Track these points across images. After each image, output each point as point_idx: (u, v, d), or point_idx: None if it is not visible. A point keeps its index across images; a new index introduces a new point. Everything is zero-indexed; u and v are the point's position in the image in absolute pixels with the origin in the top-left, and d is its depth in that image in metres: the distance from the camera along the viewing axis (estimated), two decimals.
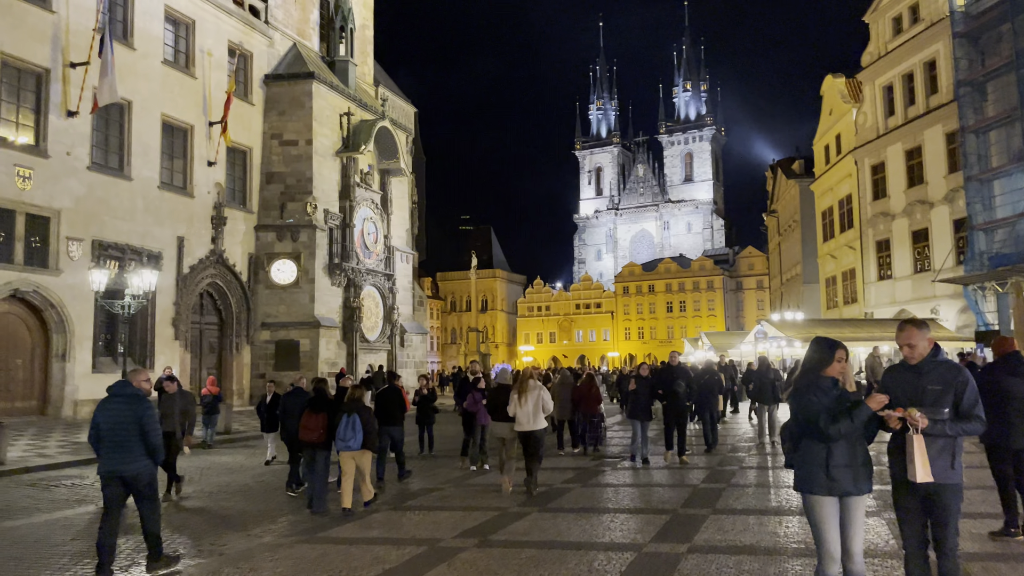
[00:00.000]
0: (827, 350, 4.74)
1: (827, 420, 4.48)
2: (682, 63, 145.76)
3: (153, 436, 6.76)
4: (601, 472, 12.81)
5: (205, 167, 28.44)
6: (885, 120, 36.35)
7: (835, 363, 4.70)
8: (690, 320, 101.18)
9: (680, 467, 12.91)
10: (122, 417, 6.73)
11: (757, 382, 15.54)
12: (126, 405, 6.79)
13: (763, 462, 13.61)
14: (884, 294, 35.96)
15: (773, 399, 15.18)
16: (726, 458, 14.07)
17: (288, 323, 30.62)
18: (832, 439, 4.47)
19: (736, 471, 12.40)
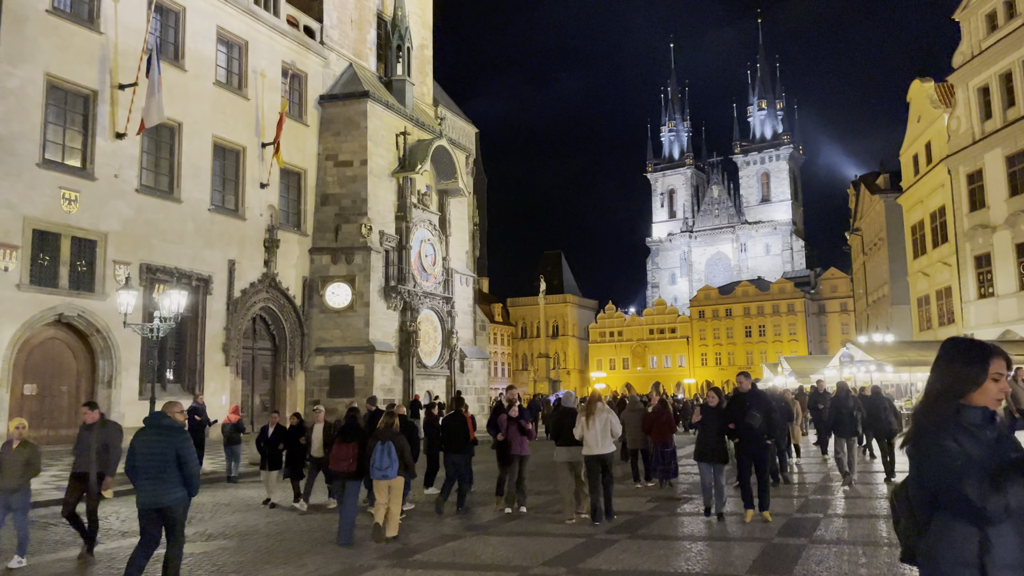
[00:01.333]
0: (977, 360, 2.76)
1: (982, 484, 2.51)
2: (756, 81, 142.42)
3: (192, 466, 6.82)
4: (656, 519, 10.95)
5: (257, 189, 27.91)
6: (981, 124, 33.39)
7: (990, 382, 2.72)
8: (770, 345, 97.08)
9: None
10: (158, 449, 6.80)
11: (834, 411, 13.85)
12: (162, 437, 6.86)
13: (852, 509, 11.55)
14: (986, 313, 32.77)
15: (852, 432, 13.56)
16: (809, 502, 12.07)
17: (342, 348, 29.69)
18: (991, 518, 2.50)
19: (820, 520, 10.42)
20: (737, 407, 10.22)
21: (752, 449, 10.13)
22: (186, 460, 6.80)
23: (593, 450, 10.23)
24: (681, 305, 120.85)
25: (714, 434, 10.24)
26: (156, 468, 6.74)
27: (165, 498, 6.74)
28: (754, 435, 10.05)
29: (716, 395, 10.82)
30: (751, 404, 10.08)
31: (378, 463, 9.00)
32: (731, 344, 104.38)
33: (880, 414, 14.28)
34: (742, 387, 10.25)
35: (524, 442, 10.93)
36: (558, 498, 11.42)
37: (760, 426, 9.97)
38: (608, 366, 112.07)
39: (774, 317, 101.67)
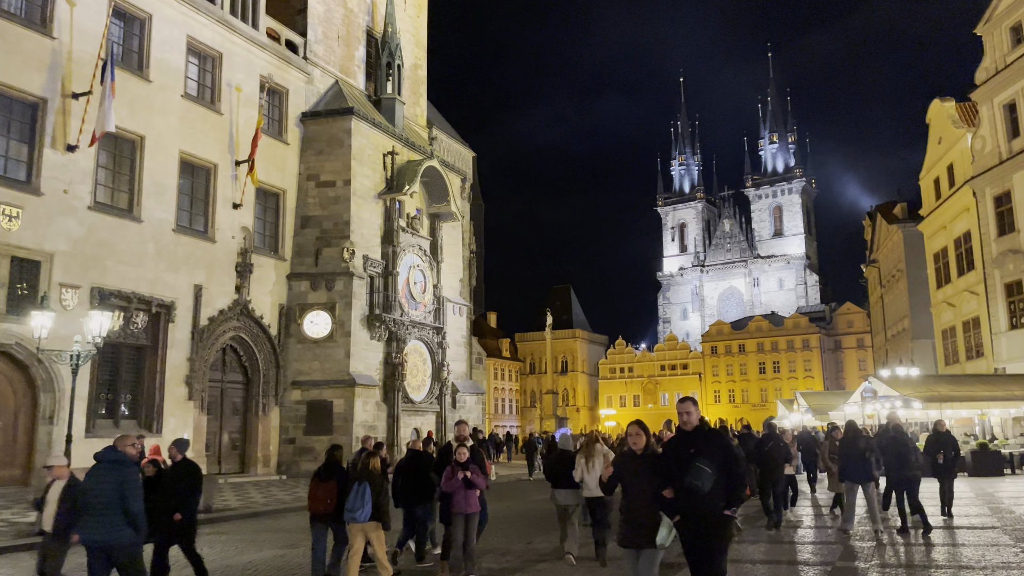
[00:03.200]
0: None
1: None
2: (767, 115, 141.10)
3: (133, 503, 6.49)
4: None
5: (230, 210, 26.01)
6: (1008, 143, 31.23)
7: None
8: (785, 382, 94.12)
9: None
10: (105, 484, 6.52)
11: (844, 454, 12.23)
12: (110, 471, 6.59)
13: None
14: (1019, 346, 30.25)
15: (865, 475, 11.87)
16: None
17: (321, 381, 27.50)
18: None
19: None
20: (675, 456, 6.21)
21: (700, 528, 5.97)
22: (128, 496, 6.46)
23: (595, 492, 9.87)
24: (693, 340, 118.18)
25: (641, 500, 6.22)
26: (102, 504, 6.43)
27: (108, 536, 6.40)
28: (703, 505, 5.93)
29: (642, 433, 6.49)
30: (698, 451, 6.05)
31: (349, 504, 8.42)
32: (745, 380, 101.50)
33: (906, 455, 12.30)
34: (685, 423, 6.23)
35: (471, 497, 8.68)
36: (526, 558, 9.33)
37: (712, 488, 5.90)
38: (618, 403, 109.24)
39: (789, 353, 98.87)
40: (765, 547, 11.10)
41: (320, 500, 8.91)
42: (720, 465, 5.98)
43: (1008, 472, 24.00)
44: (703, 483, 5.87)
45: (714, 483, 5.90)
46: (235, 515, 16.22)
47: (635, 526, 6.14)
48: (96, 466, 6.73)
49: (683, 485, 5.94)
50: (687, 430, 6.22)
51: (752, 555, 10.42)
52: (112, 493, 6.46)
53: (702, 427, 6.27)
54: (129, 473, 6.65)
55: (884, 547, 10.67)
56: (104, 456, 6.71)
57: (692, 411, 6.19)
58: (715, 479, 5.90)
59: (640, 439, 6.39)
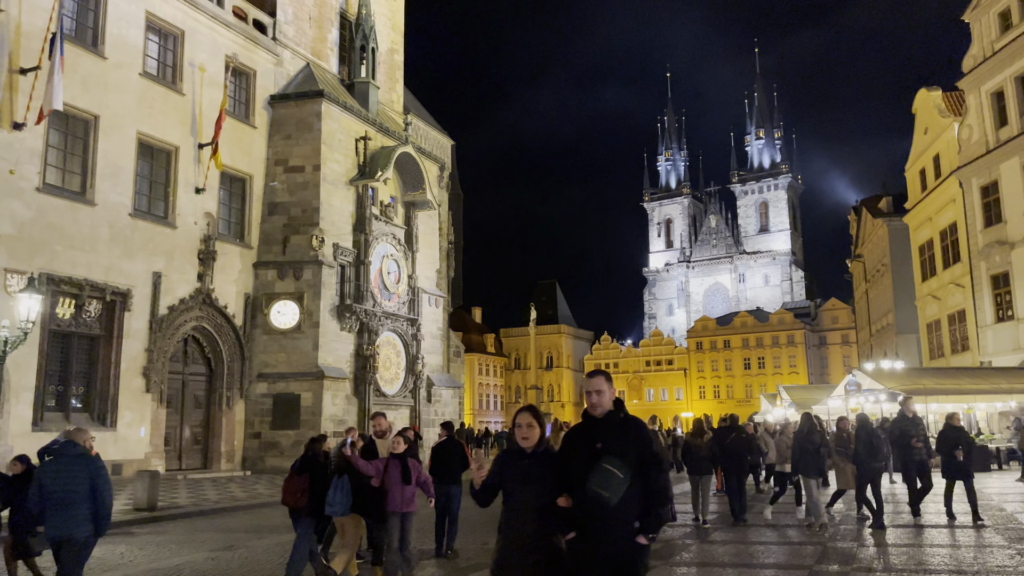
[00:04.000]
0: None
1: None
2: (754, 110, 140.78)
3: (106, 499, 6.42)
4: None
5: (192, 194, 24.95)
6: (996, 132, 30.62)
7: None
8: (770, 377, 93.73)
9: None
10: (72, 480, 6.35)
11: (798, 448, 12.19)
12: (76, 465, 6.45)
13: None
14: (1005, 339, 29.67)
15: (816, 471, 11.99)
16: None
17: (288, 374, 26.51)
18: None
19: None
20: (576, 452, 4.50)
21: (604, 555, 4.28)
22: (100, 491, 6.40)
23: None
24: (679, 336, 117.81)
25: (525, 516, 4.45)
26: (66, 500, 6.30)
27: (74, 531, 6.30)
28: (609, 523, 4.27)
29: (534, 424, 4.63)
30: (607, 446, 4.36)
31: (330, 497, 8.05)
32: (730, 376, 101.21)
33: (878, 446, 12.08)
34: (594, 405, 4.54)
35: (408, 493, 7.73)
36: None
37: (622, 500, 4.23)
38: None
39: (773, 349, 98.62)
40: (736, 548, 10.27)
41: (291, 493, 8.48)
42: (636, 468, 4.25)
43: (995, 468, 23.35)
44: (610, 492, 4.14)
45: (626, 494, 4.20)
46: (181, 514, 15.25)
47: (518, 551, 4.31)
48: (55, 460, 6.62)
49: (584, 492, 4.20)
50: (595, 416, 4.46)
51: (721, 556, 9.57)
52: (80, 488, 6.35)
53: (616, 413, 4.45)
54: (99, 467, 6.54)
55: (865, 548, 9.84)
56: (65, 451, 6.60)
57: (604, 389, 4.46)
58: (628, 487, 4.19)
59: (532, 431, 4.52)
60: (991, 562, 8.74)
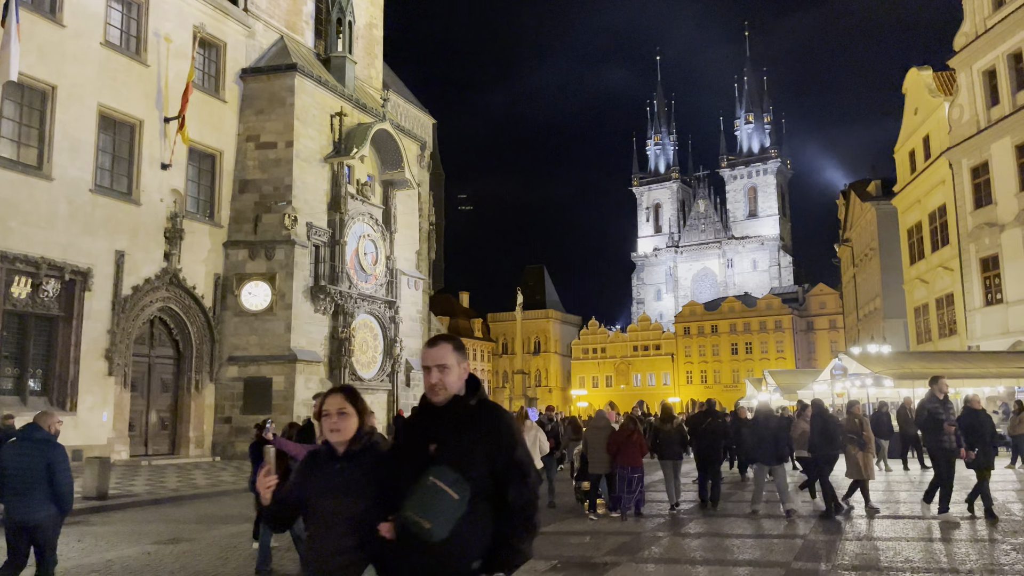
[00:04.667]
0: None
1: None
2: (744, 95, 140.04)
3: (64, 482, 6.38)
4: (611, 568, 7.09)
5: (158, 170, 24.01)
6: (987, 111, 29.96)
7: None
8: (757, 362, 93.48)
9: None
10: (29, 462, 6.35)
11: (754, 435, 12.03)
12: (35, 449, 6.41)
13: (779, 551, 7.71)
14: (993, 323, 29.15)
15: (775, 458, 11.66)
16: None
17: (259, 357, 25.70)
18: None
19: None
20: (406, 455, 3.05)
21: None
22: (57, 474, 6.36)
23: None
24: (666, 321, 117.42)
25: (330, 538, 3.06)
26: (26, 483, 6.31)
27: (35, 515, 6.31)
28: (427, 564, 2.89)
29: (349, 411, 3.15)
30: (444, 446, 2.96)
31: None
32: (717, 361, 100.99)
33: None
34: (436, 388, 3.03)
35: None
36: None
37: (457, 529, 2.84)
38: (591, 384, 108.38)
39: (761, 334, 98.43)
40: (710, 541, 9.60)
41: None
42: (486, 484, 2.93)
43: None
44: (434, 520, 2.79)
45: (463, 526, 2.83)
46: (132, 502, 14.48)
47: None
48: (17, 442, 6.60)
49: (401, 520, 2.88)
50: (437, 402, 3.03)
51: (693, 552, 8.89)
52: (37, 471, 6.30)
53: (466, 400, 3.04)
54: (58, 451, 6.48)
55: (847, 543, 9.17)
56: (28, 434, 6.55)
57: (449, 364, 3.02)
58: (465, 515, 2.83)
59: (345, 423, 3.10)
60: (983, 559, 8.09)
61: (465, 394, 3.07)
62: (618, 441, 11.80)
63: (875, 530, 10.06)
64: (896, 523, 10.62)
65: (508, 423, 3.07)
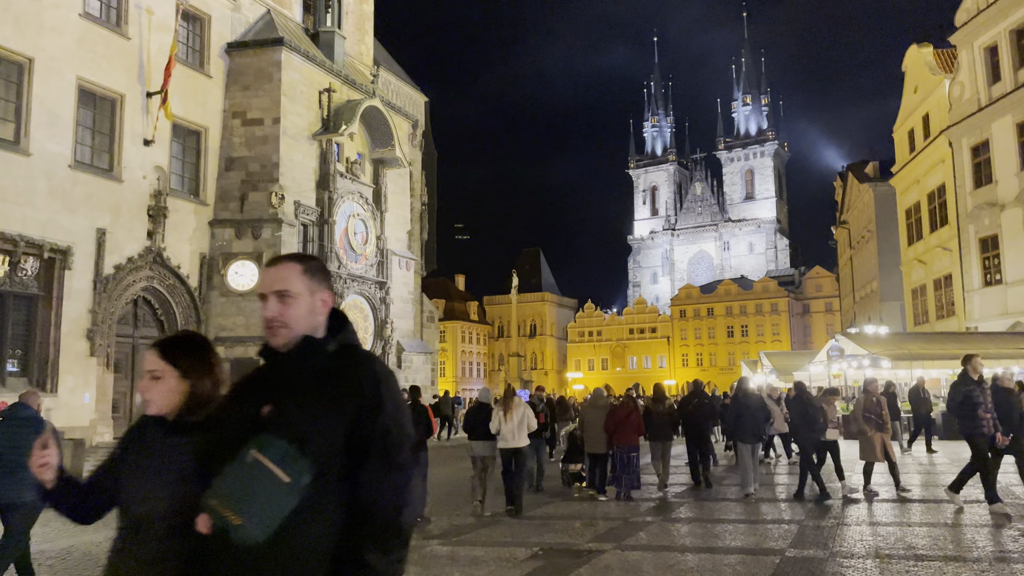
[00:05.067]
0: None
1: None
2: (741, 77, 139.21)
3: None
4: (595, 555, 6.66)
5: (140, 147, 23.39)
6: (988, 88, 29.44)
7: None
8: (753, 345, 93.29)
9: None
10: (16, 442, 6.16)
11: (735, 414, 12.00)
12: (22, 429, 6.33)
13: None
14: (992, 304, 28.78)
15: (754, 436, 11.63)
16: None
17: (247, 338, 25.18)
18: None
19: None
20: (231, 420, 2.13)
21: None
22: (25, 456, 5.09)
23: (509, 443, 10.41)
24: (662, 304, 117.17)
25: (147, 542, 2.24)
26: (14, 464, 6.02)
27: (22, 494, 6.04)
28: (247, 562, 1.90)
29: (166, 370, 2.43)
30: (280, 410, 2.03)
31: None
32: (713, 344, 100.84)
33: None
34: (273, 328, 2.25)
35: None
36: None
37: (283, 525, 1.86)
38: (587, 367, 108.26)
39: (757, 317, 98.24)
40: (701, 528, 9.19)
41: None
42: (332, 456, 1.96)
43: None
44: (247, 512, 1.84)
45: (297, 513, 1.87)
46: None
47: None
48: (5, 422, 6.52)
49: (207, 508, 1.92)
50: (277, 346, 2.24)
51: (682, 538, 8.47)
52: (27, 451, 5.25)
53: (322, 344, 2.18)
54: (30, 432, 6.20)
55: (846, 528, 8.76)
56: (14, 413, 6.49)
57: (295, 290, 2.20)
58: (301, 501, 1.88)
59: (158, 389, 2.38)
60: (990, 545, 7.69)
61: (323, 337, 2.18)
62: (616, 420, 11.61)
63: (876, 514, 9.66)
64: (898, 507, 10.22)
65: (378, 377, 2.08)
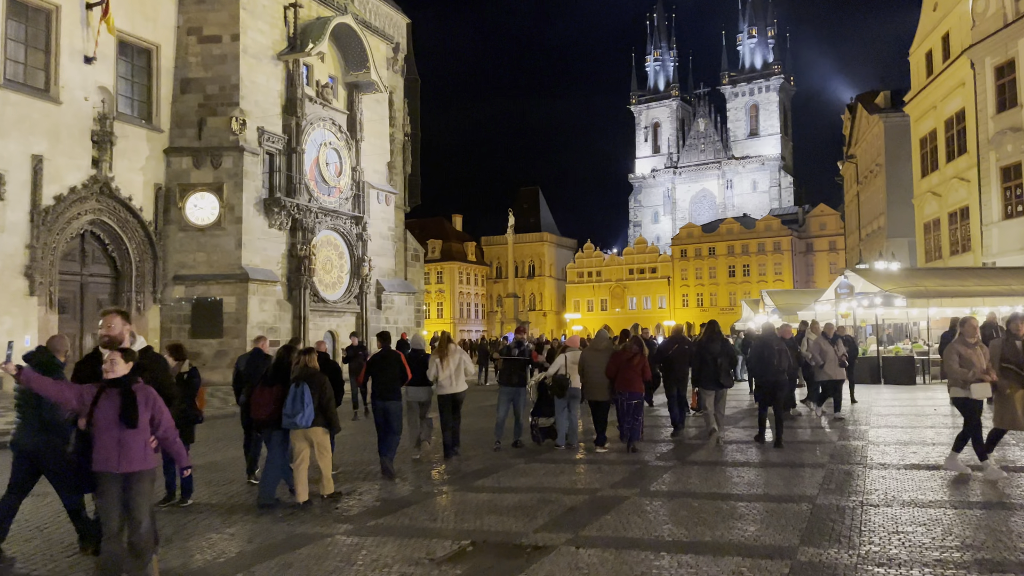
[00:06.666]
0: None
1: None
2: (747, 7, 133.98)
3: (47, 406, 5.65)
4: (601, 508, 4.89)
5: (81, 64, 21.17)
6: (1015, 2, 26.87)
7: None
8: (754, 285, 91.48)
9: None
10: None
11: (698, 358, 11.38)
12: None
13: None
14: (1012, 237, 26.75)
15: (714, 382, 11.07)
16: None
17: (208, 276, 23.39)
18: None
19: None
20: None
21: None
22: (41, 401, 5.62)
23: (446, 389, 10.30)
24: (663, 244, 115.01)
25: None
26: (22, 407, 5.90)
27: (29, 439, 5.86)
28: None
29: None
30: None
31: (287, 409, 7.62)
32: (714, 284, 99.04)
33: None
34: None
35: (130, 442, 4.67)
36: None
37: None
38: (586, 307, 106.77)
39: (759, 256, 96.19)
40: (684, 506, 7.42)
41: (263, 405, 7.91)
42: None
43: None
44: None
45: None
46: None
47: None
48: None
49: None
50: None
51: (660, 527, 6.67)
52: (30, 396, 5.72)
53: None
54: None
55: (866, 474, 6.98)
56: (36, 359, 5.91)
57: None
58: None
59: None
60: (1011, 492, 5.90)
61: None
62: (618, 364, 10.59)
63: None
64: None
65: None
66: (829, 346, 13.60)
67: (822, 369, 13.52)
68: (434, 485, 8.35)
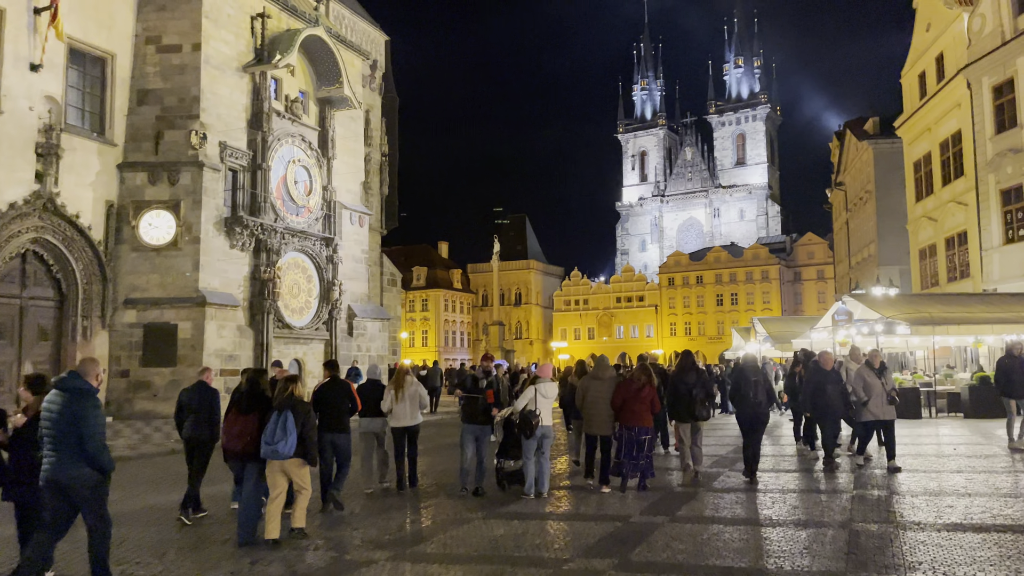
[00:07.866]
0: None
1: None
2: (733, 37, 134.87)
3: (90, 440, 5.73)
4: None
5: (25, 72, 19.68)
6: (1013, 20, 25.99)
7: None
8: (742, 313, 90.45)
9: None
10: (59, 415, 5.87)
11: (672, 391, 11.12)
12: (64, 401, 5.87)
13: None
14: (1013, 263, 25.58)
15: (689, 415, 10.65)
16: None
17: (162, 299, 21.75)
18: None
19: None
20: None
21: None
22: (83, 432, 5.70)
23: (401, 422, 10.11)
24: (651, 272, 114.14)
25: None
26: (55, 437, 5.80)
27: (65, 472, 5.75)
28: None
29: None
30: None
31: (268, 436, 7.26)
32: (702, 312, 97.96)
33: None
34: None
35: None
36: None
37: None
38: (572, 336, 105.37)
39: (747, 284, 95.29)
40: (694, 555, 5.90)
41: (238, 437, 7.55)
42: None
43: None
44: None
45: None
46: None
47: None
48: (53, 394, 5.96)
49: None
50: None
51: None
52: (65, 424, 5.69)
53: None
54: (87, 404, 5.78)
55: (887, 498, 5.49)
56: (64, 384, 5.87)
57: None
58: None
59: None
60: None
61: None
62: (624, 395, 9.87)
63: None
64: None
65: None
66: (875, 378, 11.41)
67: (866, 407, 11.32)
68: (365, 550, 6.80)
